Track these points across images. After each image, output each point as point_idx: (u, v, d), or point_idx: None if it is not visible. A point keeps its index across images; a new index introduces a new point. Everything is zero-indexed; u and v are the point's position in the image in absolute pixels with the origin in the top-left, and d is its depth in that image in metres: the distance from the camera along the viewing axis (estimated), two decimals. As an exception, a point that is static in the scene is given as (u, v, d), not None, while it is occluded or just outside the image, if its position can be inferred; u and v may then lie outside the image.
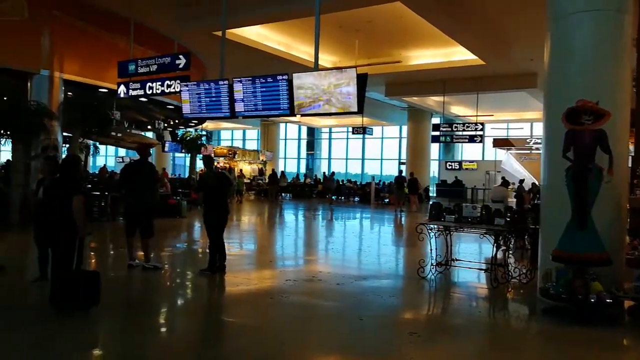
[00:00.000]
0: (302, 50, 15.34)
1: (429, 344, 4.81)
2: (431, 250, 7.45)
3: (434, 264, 7.45)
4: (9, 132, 10.94)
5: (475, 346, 4.82)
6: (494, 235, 6.83)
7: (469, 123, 20.91)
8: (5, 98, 12.28)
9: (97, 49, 12.09)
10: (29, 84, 11.18)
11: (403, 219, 17.26)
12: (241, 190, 22.37)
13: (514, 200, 13.49)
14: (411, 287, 7.11)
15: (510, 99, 22.06)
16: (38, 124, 10.79)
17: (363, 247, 11.15)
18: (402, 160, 28.65)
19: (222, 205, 7.42)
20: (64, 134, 13.00)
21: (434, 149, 27.85)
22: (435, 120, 25.59)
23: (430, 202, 11.20)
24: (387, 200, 23.41)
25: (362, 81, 6.30)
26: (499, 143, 24.29)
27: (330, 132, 35.94)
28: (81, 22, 11.69)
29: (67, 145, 14.47)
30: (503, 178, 15.04)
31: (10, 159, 12.19)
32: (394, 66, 16.52)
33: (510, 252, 7.44)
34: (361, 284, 7.04)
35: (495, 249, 6.90)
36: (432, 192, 27.46)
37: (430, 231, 7.37)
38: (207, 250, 7.51)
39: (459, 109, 25.93)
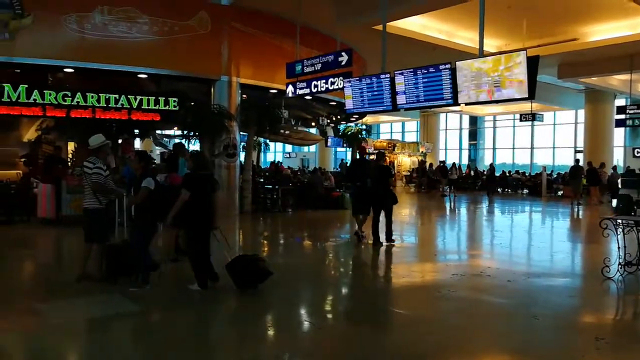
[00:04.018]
0: (464, 36, 14.74)
1: (620, 353, 4.30)
2: (618, 248, 6.64)
3: (622, 264, 6.63)
4: (197, 133, 12.45)
5: (680, 360, 4.17)
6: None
7: (664, 103, 18.11)
8: (192, 103, 14.00)
9: (267, 53, 13.10)
10: (212, 89, 12.56)
11: (580, 212, 15.66)
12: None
13: None
14: (593, 287, 6.45)
15: None
16: (220, 124, 12.10)
17: (535, 242, 10.38)
18: (578, 149, 25.97)
19: (386, 191, 8.96)
20: (241, 132, 14.34)
21: (619, 134, 24.69)
22: (620, 101, 22.69)
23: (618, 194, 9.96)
24: (561, 192, 21.47)
25: (533, 64, 5.92)
26: None
27: (494, 121, 33.99)
28: (254, 30, 12.77)
29: (243, 143, 15.93)
30: None
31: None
32: (568, 45, 15.00)
33: None
34: (534, 282, 6.58)
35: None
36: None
37: (617, 227, 6.58)
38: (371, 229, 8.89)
39: (651, 87, 22.59)
